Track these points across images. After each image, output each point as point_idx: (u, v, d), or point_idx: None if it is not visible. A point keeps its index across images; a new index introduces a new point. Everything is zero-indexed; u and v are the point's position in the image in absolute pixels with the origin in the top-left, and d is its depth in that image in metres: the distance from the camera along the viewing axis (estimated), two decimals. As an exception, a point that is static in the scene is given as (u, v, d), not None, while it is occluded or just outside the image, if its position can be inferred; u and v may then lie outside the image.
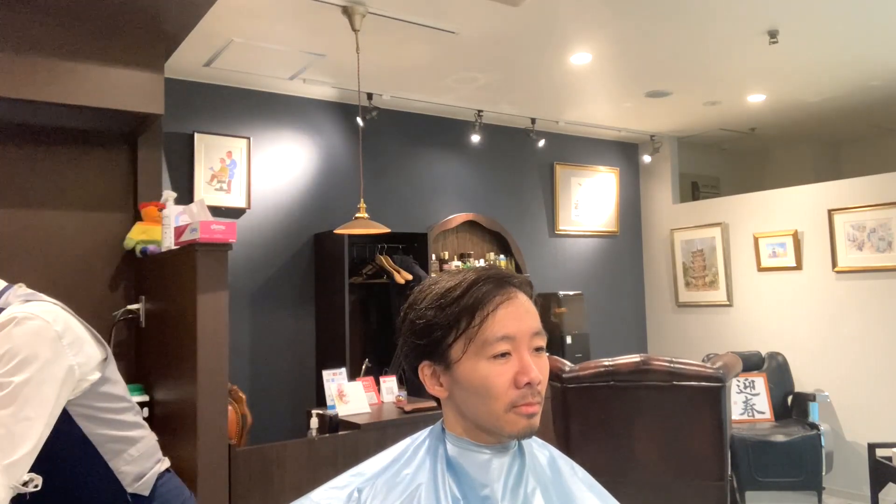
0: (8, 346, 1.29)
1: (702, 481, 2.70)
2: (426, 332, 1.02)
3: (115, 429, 1.45)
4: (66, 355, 1.35)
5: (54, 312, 1.37)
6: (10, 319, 1.31)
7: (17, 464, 1.24)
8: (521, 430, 0.99)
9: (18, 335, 1.30)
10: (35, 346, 1.30)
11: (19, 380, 1.27)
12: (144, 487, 1.47)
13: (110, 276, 2.80)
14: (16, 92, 2.41)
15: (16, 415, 1.25)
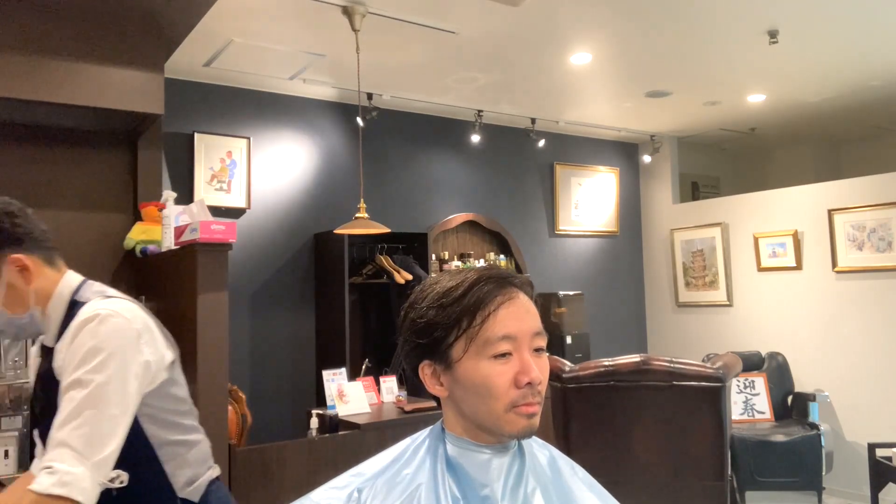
0: (92, 343, 1.30)
1: (702, 481, 2.70)
2: (427, 332, 1.02)
3: (175, 432, 1.45)
4: (144, 353, 1.36)
5: (133, 310, 1.39)
6: (93, 316, 1.32)
7: (105, 461, 1.26)
8: (521, 429, 0.99)
9: (101, 333, 1.31)
10: (117, 343, 1.31)
11: (102, 378, 1.28)
12: (195, 493, 1.46)
13: (110, 276, 2.80)
14: (16, 92, 2.41)
15: (102, 413, 1.27)
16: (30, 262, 1.40)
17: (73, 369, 1.28)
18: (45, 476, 1.20)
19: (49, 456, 1.23)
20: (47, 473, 1.20)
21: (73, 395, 1.26)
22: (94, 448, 1.24)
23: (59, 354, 1.34)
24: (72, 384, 1.27)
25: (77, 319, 1.33)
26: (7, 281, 1.39)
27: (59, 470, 1.20)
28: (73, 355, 1.30)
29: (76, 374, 1.27)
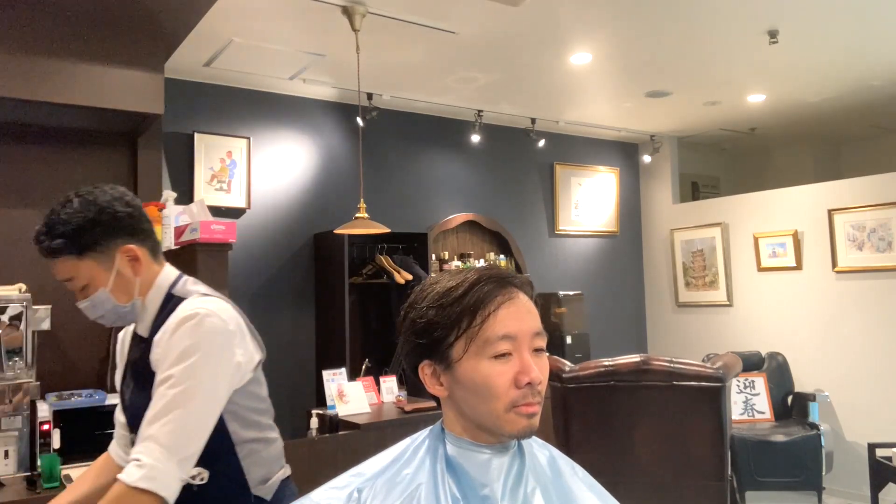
0: (188, 342, 1.33)
1: (702, 481, 2.70)
2: (427, 332, 1.02)
3: (254, 429, 1.47)
4: (237, 354, 1.39)
5: (228, 311, 1.42)
6: (192, 315, 1.35)
7: (190, 458, 1.30)
8: (521, 429, 0.99)
9: (198, 333, 1.34)
10: (212, 344, 1.35)
11: (195, 378, 1.32)
12: (268, 491, 1.48)
13: (110, 276, 2.80)
14: (16, 92, 2.41)
15: (191, 411, 1.30)
16: (140, 253, 1.45)
17: (168, 365, 1.32)
18: (133, 468, 1.25)
19: (138, 449, 1.28)
20: (136, 466, 1.25)
21: (165, 392, 1.30)
22: (181, 445, 1.29)
23: (157, 347, 1.37)
24: (165, 380, 1.31)
25: (177, 316, 1.37)
26: (118, 269, 1.43)
27: (147, 464, 1.25)
28: (170, 351, 1.33)
29: (170, 371, 1.31)
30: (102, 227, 1.43)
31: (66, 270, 1.42)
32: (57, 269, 1.42)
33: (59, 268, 1.42)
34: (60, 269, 1.42)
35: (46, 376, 2.56)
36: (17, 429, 2.38)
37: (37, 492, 2.19)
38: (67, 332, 2.68)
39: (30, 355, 2.41)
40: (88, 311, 1.46)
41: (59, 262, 1.41)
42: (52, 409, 2.40)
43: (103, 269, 1.43)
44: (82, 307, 1.45)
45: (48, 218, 1.44)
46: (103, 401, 2.51)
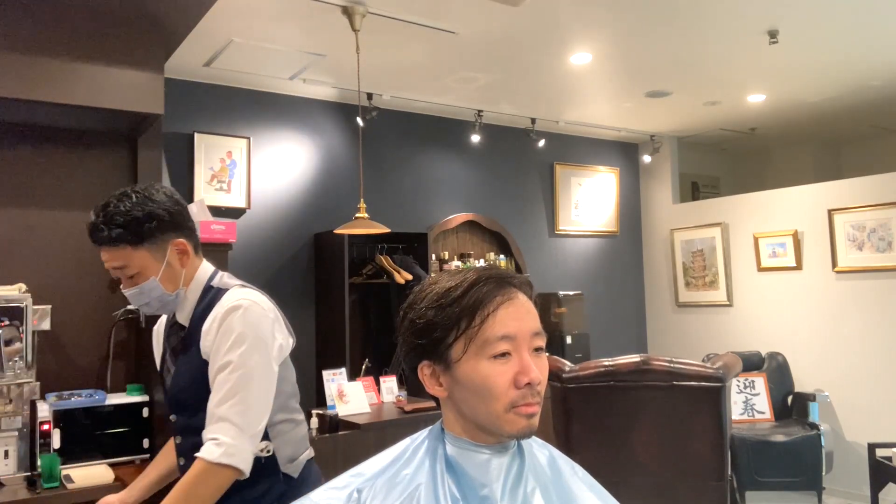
0: (240, 329, 1.47)
1: (702, 481, 2.70)
2: (426, 332, 1.02)
3: (285, 411, 1.59)
4: (278, 338, 1.54)
5: (266, 301, 1.57)
6: (237, 306, 1.50)
7: (259, 434, 1.46)
8: (520, 430, 0.99)
9: (247, 321, 1.48)
10: (260, 330, 1.50)
11: (253, 362, 1.46)
12: (295, 469, 1.58)
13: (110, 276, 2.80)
14: (15, 92, 2.41)
15: (254, 391, 1.45)
16: (188, 247, 1.60)
17: (224, 353, 1.46)
18: (213, 447, 1.40)
19: (213, 430, 1.42)
20: (215, 445, 1.40)
21: (227, 377, 1.44)
22: (251, 423, 1.44)
23: (207, 335, 1.51)
24: (224, 366, 1.45)
25: (223, 306, 1.51)
26: (168, 261, 1.56)
27: (225, 442, 1.40)
28: (224, 340, 1.47)
29: (227, 357, 1.45)
30: (158, 221, 1.54)
31: (119, 258, 1.53)
32: (109, 257, 1.54)
33: (112, 255, 1.54)
34: (114, 257, 1.54)
35: (46, 376, 2.56)
36: (17, 429, 2.38)
37: (37, 492, 2.19)
38: (67, 332, 2.68)
39: (30, 355, 2.41)
40: (135, 298, 1.58)
41: (114, 250, 1.53)
42: (52, 409, 2.40)
43: (155, 259, 1.55)
44: (129, 293, 1.57)
45: (105, 209, 1.54)
46: (103, 401, 2.51)
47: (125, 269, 1.54)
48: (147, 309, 1.61)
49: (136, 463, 2.48)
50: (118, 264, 1.54)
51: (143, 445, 2.52)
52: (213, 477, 1.39)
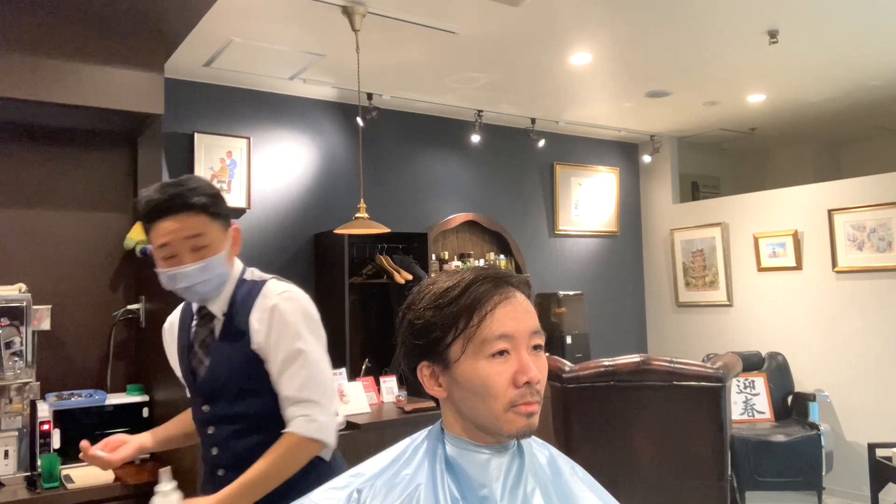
0: (294, 318, 1.59)
1: (702, 481, 2.70)
2: (425, 333, 1.02)
3: None
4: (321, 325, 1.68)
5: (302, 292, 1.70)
6: (287, 298, 1.62)
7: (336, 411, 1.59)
8: (520, 429, 0.99)
9: (299, 310, 1.62)
10: (312, 318, 1.64)
11: (319, 347, 1.61)
12: (327, 454, 1.63)
13: (110, 276, 2.81)
14: (16, 92, 2.42)
15: (326, 373, 1.60)
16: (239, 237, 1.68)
17: (290, 342, 1.56)
18: (305, 422, 1.52)
19: (300, 409, 1.53)
20: (307, 421, 1.52)
21: (301, 364, 1.56)
22: (332, 401, 1.59)
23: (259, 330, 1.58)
24: (295, 355, 1.56)
25: (268, 299, 1.61)
26: (228, 243, 1.64)
27: (317, 419, 1.53)
28: (284, 331, 1.57)
29: (297, 346, 1.57)
30: (224, 203, 1.62)
31: (196, 226, 1.54)
32: (184, 225, 1.53)
33: (187, 224, 1.53)
34: (189, 226, 1.53)
35: (46, 376, 2.56)
36: (17, 429, 2.38)
37: (37, 492, 2.19)
38: (67, 332, 2.68)
39: (30, 355, 2.41)
40: (196, 273, 1.55)
41: (193, 218, 1.54)
42: (52, 409, 2.40)
43: (223, 237, 1.60)
44: (192, 268, 1.54)
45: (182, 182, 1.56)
46: (103, 401, 2.51)
47: (199, 238, 1.54)
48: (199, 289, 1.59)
49: (135, 463, 2.48)
50: (193, 232, 1.53)
51: (143, 445, 2.52)
52: (304, 450, 1.52)
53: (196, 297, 1.62)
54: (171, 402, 2.39)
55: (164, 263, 1.56)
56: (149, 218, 1.54)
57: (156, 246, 1.56)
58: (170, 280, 1.56)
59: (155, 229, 1.54)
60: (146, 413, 2.55)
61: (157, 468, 2.39)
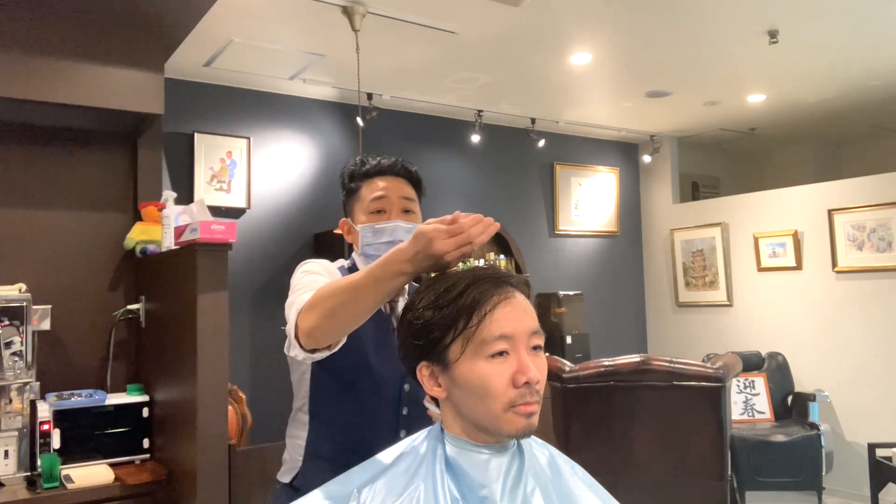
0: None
1: (702, 481, 2.70)
2: (424, 333, 1.02)
3: None
4: None
5: None
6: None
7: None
8: (519, 429, 0.99)
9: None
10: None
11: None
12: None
13: (110, 276, 2.80)
14: (16, 92, 2.41)
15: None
16: None
17: None
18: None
19: None
20: None
21: None
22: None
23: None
24: None
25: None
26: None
27: None
28: None
29: None
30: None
31: (411, 192, 1.59)
32: (404, 186, 1.58)
33: (406, 187, 1.58)
34: (407, 189, 1.58)
35: (46, 376, 2.55)
36: (17, 429, 2.38)
37: (37, 492, 2.19)
38: (67, 332, 2.68)
39: (30, 355, 2.41)
40: (402, 232, 1.52)
41: (410, 188, 1.59)
42: (52, 409, 2.40)
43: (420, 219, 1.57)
44: (403, 227, 1.53)
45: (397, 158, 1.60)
46: (103, 401, 2.51)
47: (411, 203, 1.57)
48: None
49: (135, 463, 2.48)
50: (409, 195, 1.58)
51: (143, 445, 2.51)
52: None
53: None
54: (171, 402, 2.39)
55: (371, 217, 1.54)
56: (367, 175, 1.57)
57: (369, 199, 1.55)
58: (375, 234, 1.53)
59: (371, 183, 1.56)
60: (146, 413, 2.55)
61: (157, 468, 2.40)
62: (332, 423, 1.51)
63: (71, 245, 2.74)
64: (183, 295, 2.25)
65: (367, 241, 1.54)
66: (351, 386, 1.48)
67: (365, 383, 1.48)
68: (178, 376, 2.29)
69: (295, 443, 1.57)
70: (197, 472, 2.09)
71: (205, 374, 2.13)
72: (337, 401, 1.50)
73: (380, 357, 1.48)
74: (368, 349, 1.47)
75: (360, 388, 1.48)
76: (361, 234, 1.55)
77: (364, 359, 1.47)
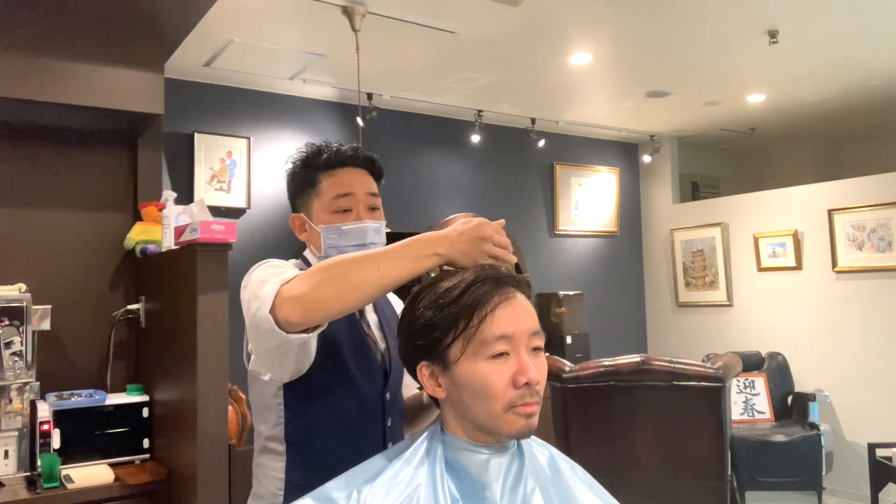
0: None
1: (702, 481, 2.70)
2: (424, 333, 1.02)
3: None
4: None
5: None
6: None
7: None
8: (519, 430, 0.99)
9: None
10: None
11: None
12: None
13: (110, 276, 2.80)
14: (16, 92, 2.41)
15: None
16: None
17: None
18: None
19: None
20: None
21: None
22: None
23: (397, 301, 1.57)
24: None
25: None
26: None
27: None
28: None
29: None
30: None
31: (374, 186, 1.49)
32: (368, 180, 1.48)
33: (370, 180, 1.48)
34: (371, 183, 1.49)
35: (46, 376, 2.55)
36: (17, 429, 2.38)
37: (37, 492, 2.19)
38: (67, 332, 2.68)
39: (30, 355, 2.41)
40: (371, 234, 1.43)
41: (371, 178, 1.49)
42: (52, 409, 2.40)
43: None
44: (375, 225, 1.45)
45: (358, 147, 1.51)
46: (103, 401, 2.51)
47: (376, 199, 1.47)
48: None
49: (135, 463, 2.48)
50: (374, 190, 1.48)
51: (143, 445, 2.51)
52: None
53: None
54: (171, 402, 2.39)
55: (336, 217, 1.42)
56: (327, 165, 1.44)
57: (332, 196, 1.42)
58: (342, 236, 1.41)
59: (332, 177, 1.43)
60: (146, 413, 2.55)
61: (157, 468, 2.40)
62: (313, 448, 1.34)
63: (71, 245, 2.74)
64: (183, 295, 2.25)
65: (331, 243, 1.42)
66: (330, 403, 1.35)
67: (345, 397, 1.35)
68: (178, 376, 2.29)
69: (270, 475, 1.38)
70: (197, 472, 2.09)
71: (205, 374, 2.13)
72: (316, 421, 1.35)
73: (359, 367, 1.37)
74: (347, 359, 1.36)
75: (340, 402, 1.35)
76: (325, 235, 1.42)
77: (342, 368, 1.35)
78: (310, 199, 1.45)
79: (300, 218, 1.48)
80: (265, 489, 1.38)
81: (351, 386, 1.36)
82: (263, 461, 1.40)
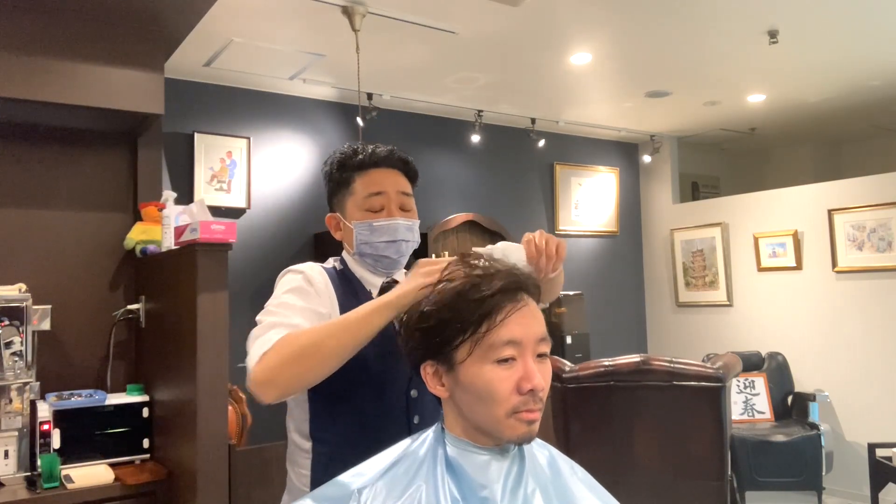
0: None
1: (702, 481, 2.70)
2: (433, 332, 1.02)
3: None
4: None
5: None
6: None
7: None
8: (520, 435, 0.99)
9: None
10: None
11: None
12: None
13: (110, 276, 2.80)
14: (16, 92, 2.41)
15: None
16: None
17: None
18: None
19: None
20: None
21: None
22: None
23: None
24: None
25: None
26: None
27: None
28: None
29: None
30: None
31: (408, 187, 1.54)
32: (401, 180, 1.54)
33: (403, 180, 1.55)
34: (405, 183, 1.55)
35: (46, 376, 2.55)
36: (17, 429, 2.38)
37: (37, 492, 2.19)
38: (67, 332, 2.68)
39: (30, 355, 2.41)
40: (403, 231, 1.48)
41: (405, 178, 1.55)
42: (52, 409, 2.40)
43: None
44: (408, 223, 1.49)
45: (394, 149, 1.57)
46: (103, 401, 2.51)
47: (409, 200, 1.52)
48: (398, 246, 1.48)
49: (135, 463, 2.48)
50: (407, 190, 1.53)
51: (143, 445, 2.51)
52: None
53: (389, 260, 1.49)
54: (171, 402, 2.39)
55: (369, 216, 1.46)
56: (361, 166, 1.49)
57: (364, 195, 1.47)
58: (373, 232, 1.44)
59: (366, 176, 1.49)
60: (146, 413, 2.55)
61: (157, 468, 2.40)
62: (336, 445, 1.34)
63: (71, 245, 2.74)
64: (183, 295, 2.26)
65: (363, 238, 1.45)
66: (351, 400, 1.34)
67: (366, 395, 1.34)
68: (178, 376, 2.29)
69: (299, 472, 1.41)
70: (197, 472, 2.09)
71: (205, 374, 2.13)
72: (339, 417, 1.35)
73: (383, 364, 1.34)
74: (369, 356, 1.30)
75: (361, 399, 1.34)
76: (357, 231, 1.46)
77: (363, 366, 1.31)
78: (344, 199, 1.50)
79: (335, 217, 1.53)
80: (294, 485, 1.44)
81: (372, 383, 1.35)
82: (293, 457, 1.45)
